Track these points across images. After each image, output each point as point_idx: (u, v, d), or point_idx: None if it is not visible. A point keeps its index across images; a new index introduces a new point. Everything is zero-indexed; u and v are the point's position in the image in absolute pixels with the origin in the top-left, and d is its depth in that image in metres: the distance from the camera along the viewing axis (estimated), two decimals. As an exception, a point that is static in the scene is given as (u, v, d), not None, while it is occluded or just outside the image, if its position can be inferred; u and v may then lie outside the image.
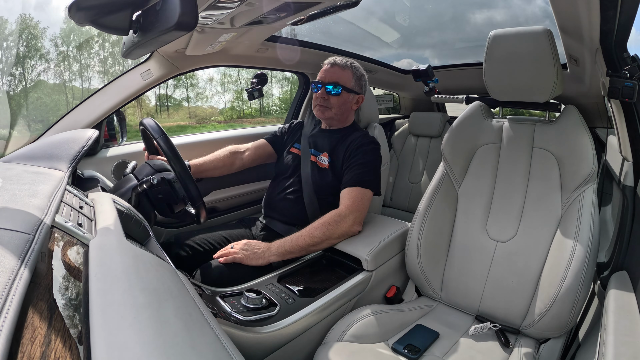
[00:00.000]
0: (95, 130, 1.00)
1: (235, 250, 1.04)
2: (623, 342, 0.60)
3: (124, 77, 1.31)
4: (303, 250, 1.06)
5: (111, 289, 0.36)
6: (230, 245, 1.08)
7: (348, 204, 1.10)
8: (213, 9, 0.92)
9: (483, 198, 1.09)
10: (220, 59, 1.48)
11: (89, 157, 1.30)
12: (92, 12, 0.52)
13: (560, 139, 1.00)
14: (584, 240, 0.89)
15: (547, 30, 0.92)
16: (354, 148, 1.19)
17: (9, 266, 0.30)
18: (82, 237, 0.47)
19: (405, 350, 0.87)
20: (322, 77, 1.23)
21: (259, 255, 1.03)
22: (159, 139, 0.95)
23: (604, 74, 0.92)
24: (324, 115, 1.24)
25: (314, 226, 1.07)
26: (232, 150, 1.38)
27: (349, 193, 1.12)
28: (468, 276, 1.06)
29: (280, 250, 1.03)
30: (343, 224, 1.07)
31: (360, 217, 1.11)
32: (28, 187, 0.52)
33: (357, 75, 1.25)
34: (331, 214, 1.09)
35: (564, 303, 0.87)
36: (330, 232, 1.06)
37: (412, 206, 2.06)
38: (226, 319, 0.79)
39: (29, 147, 0.82)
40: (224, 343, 0.40)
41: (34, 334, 0.28)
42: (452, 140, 1.15)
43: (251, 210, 1.72)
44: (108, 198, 0.72)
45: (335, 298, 0.93)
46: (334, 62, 1.24)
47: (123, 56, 0.72)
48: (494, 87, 1.06)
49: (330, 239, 1.07)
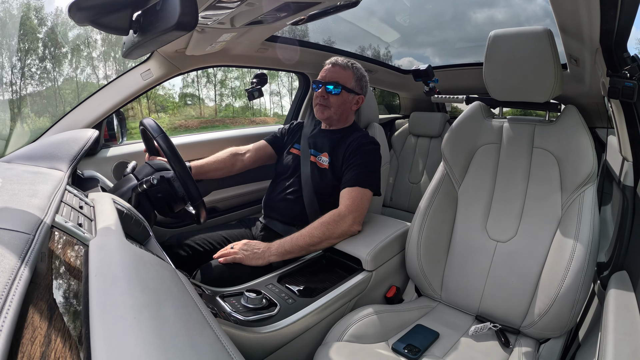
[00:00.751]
0: (95, 130, 1.00)
1: (235, 250, 1.04)
2: (623, 342, 0.60)
3: (124, 77, 1.31)
4: (303, 250, 1.05)
5: (111, 289, 0.36)
6: (230, 245, 1.08)
7: (348, 203, 1.10)
8: (213, 9, 0.92)
9: (483, 198, 1.09)
10: (220, 59, 1.48)
11: (89, 157, 1.30)
12: (92, 12, 0.52)
13: (560, 139, 1.00)
14: (584, 240, 0.88)
15: (547, 30, 0.92)
16: (353, 148, 1.19)
17: (9, 266, 0.30)
18: (82, 237, 0.47)
19: (405, 350, 0.87)
20: (323, 77, 1.24)
21: (259, 255, 1.03)
22: (158, 139, 0.95)
23: (604, 74, 0.92)
24: (323, 115, 1.24)
25: (313, 226, 1.07)
26: (233, 151, 1.38)
27: (348, 193, 1.12)
28: (468, 276, 1.06)
29: (280, 250, 1.03)
30: (343, 223, 1.07)
31: (359, 217, 1.11)
32: (28, 187, 0.52)
33: (358, 76, 1.26)
34: (331, 214, 1.09)
35: (564, 303, 0.87)
36: (330, 231, 1.06)
37: (412, 206, 2.06)
38: (226, 319, 0.79)
39: (29, 147, 0.82)
40: (224, 343, 0.40)
41: (34, 334, 0.28)
42: (452, 140, 1.15)
43: (251, 210, 1.72)
44: (108, 198, 0.72)
45: (335, 298, 0.93)
46: (335, 62, 1.24)
47: (123, 56, 0.72)
48: (494, 87, 1.06)
49: (330, 239, 1.07)
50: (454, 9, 4.03)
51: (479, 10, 5.59)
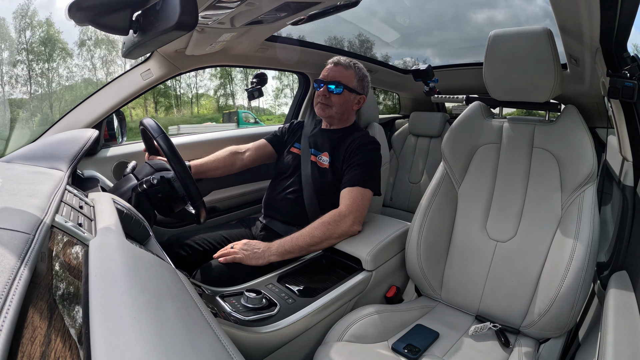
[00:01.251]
0: (95, 130, 1.00)
1: (235, 250, 1.04)
2: (623, 342, 0.60)
3: (124, 77, 1.31)
4: (303, 250, 1.05)
5: (111, 289, 0.36)
6: (230, 245, 1.08)
7: (348, 203, 1.10)
8: (213, 9, 0.92)
9: (483, 198, 1.09)
10: (220, 58, 1.48)
11: (89, 157, 1.30)
12: (92, 12, 0.52)
13: (560, 139, 1.00)
14: (584, 240, 0.88)
15: (547, 30, 0.92)
16: (354, 148, 1.19)
17: (9, 266, 0.30)
18: (82, 237, 0.47)
19: (405, 350, 0.87)
20: (325, 76, 1.24)
21: (259, 255, 1.03)
22: (158, 139, 0.95)
23: (604, 74, 0.92)
24: (324, 113, 1.24)
25: (313, 226, 1.07)
26: (233, 150, 1.38)
27: (348, 193, 1.12)
28: (468, 276, 1.07)
29: (280, 250, 1.03)
30: (343, 223, 1.07)
31: (360, 217, 1.11)
32: (28, 186, 0.52)
33: (360, 76, 1.26)
34: (331, 214, 1.09)
35: (564, 303, 0.87)
36: (330, 231, 1.06)
37: (412, 206, 2.06)
38: (226, 319, 0.79)
39: (29, 147, 0.82)
40: (224, 343, 0.40)
41: (34, 334, 0.28)
42: (452, 140, 1.15)
43: (251, 210, 1.72)
44: (108, 198, 0.72)
45: (335, 298, 0.93)
46: (337, 62, 1.25)
47: (123, 56, 0.72)
48: (494, 87, 1.06)
49: (330, 239, 1.07)
50: (454, 10, 4.04)
51: (479, 10, 5.59)
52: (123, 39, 0.69)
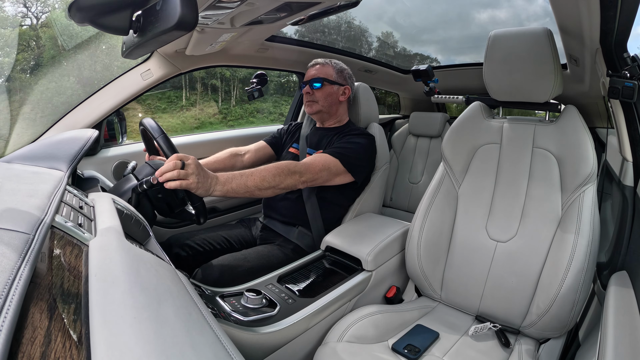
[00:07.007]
0: (95, 130, 1.00)
1: (185, 172, 0.88)
2: (623, 342, 0.60)
3: (124, 77, 1.31)
4: (247, 193, 0.97)
5: (111, 289, 0.36)
6: (182, 162, 0.89)
7: (307, 162, 1.10)
8: (213, 9, 0.92)
9: (483, 198, 1.09)
10: (220, 59, 1.48)
11: (89, 157, 1.30)
12: (92, 12, 0.52)
13: (560, 139, 1.00)
14: (584, 240, 0.88)
15: (547, 30, 0.92)
16: (342, 136, 1.26)
17: (9, 266, 0.30)
18: (82, 237, 0.47)
19: (405, 351, 0.87)
20: (307, 77, 1.31)
21: (206, 185, 0.90)
22: (158, 139, 0.95)
23: (604, 74, 0.92)
24: (312, 110, 1.29)
25: (268, 169, 1.00)
26: (233, 152, 1.39)
27: (314, 155, 1.15)
28: (468, 276, 1.06)
29: (226, 187, 0.93)
30: (292, 178, 1.03)
31: (310, 180, 1.08)
32: (28, 187, 0.52)
33: (338, 69, 1.32)
34: (288, 165, 1.04)
35: (564, 303, 0.87)
36: (278, 181, 1.00)
37: (412, 206, 2.05)
38: (226, 319, 0.79)
39: (29, 147, 0.82)
40: (224, 343, 0.40)
41: (34, 334, 0.28)
42: (452, 140, 1.15)
43: (251, 210, 1.72)
44: (108, 198, 0.72)
45: (335, 298, 0.93)
46: (314, 62, 1.34)
47: (123, 56, 0.72)
48: (494, 87, 1.06)
49: (276, 189, 1.02)
50: (459, 9, 4.03)
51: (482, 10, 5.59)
52: (123, 39, 0.69)
